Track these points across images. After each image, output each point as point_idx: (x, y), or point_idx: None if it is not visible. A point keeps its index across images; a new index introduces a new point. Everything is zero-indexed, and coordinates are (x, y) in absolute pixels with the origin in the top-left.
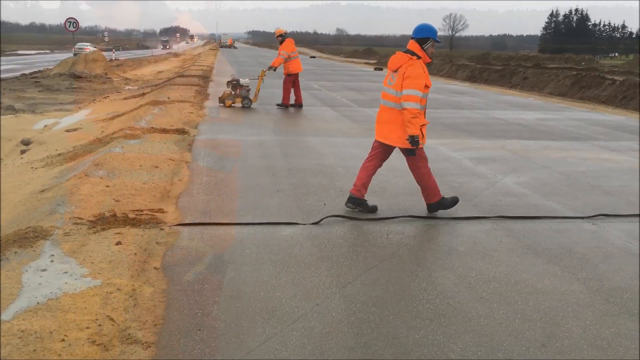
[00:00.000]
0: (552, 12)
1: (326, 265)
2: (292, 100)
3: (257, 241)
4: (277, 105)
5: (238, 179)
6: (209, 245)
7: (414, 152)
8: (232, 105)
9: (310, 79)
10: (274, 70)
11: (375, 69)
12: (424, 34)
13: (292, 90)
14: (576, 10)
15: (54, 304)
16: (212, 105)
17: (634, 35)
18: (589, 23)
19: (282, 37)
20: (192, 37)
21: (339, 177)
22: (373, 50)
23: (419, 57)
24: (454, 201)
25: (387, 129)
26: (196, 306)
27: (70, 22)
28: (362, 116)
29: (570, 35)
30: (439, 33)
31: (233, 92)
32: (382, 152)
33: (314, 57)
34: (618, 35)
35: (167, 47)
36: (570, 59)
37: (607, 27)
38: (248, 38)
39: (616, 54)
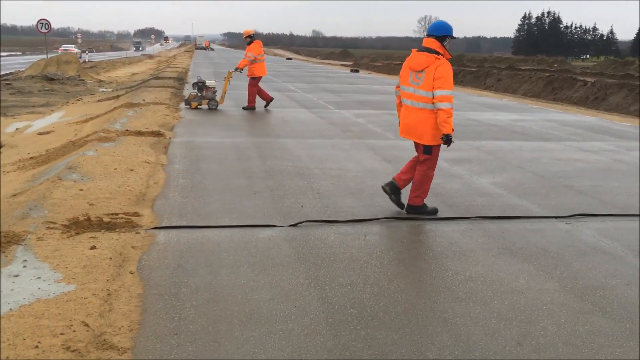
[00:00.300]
0: (525, 14)
1: (304, 267)
2: (263, 103)
3: (235, 244)
4: (244, 108)
5: (214, 181)
6: (185, 249)
7: (430, 151)
8: (199, 107)
9: (287, 80)
10: (240, 71)
11: (352, 70)
12: (443, 32)
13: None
14: (548, 12)
15: (27, 310)
16: (187, 107)
17: (604, 37)
18: (561, 25)
19: (251, 38)
20: (166, 38)
21: (315, 179)
22: (349, 52)
23: (442, 56)
24: (433, 211)
25: (420, 129)
26: (173, 310)
27: (42, 23)
28: (338, 118)
29: (542, 37)
30: (413, 35)
31: (199, 94)
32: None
33: (290, 58)
34: (589, 37)
35: (140, 49)
36: (542, 60)
37: (578, 29)
38: (224, 40)
39: (587, 56)
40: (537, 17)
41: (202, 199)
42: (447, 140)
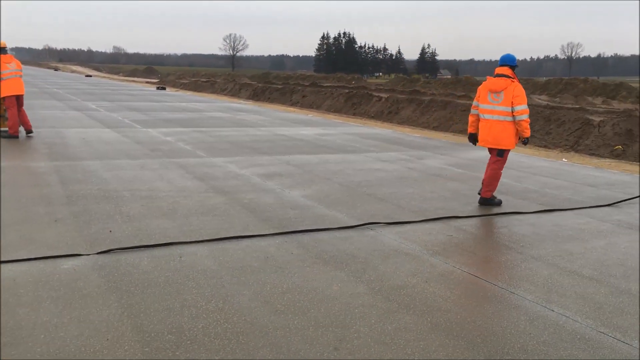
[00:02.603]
0: (324, 34)
1: (116, 296)
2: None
3: (34, 278)
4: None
5: (6, 210)
6: None
7: (503, 154)
8: None
9: (87, 99)
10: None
11: (158, 88)
12: (515, 62)
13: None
14: (344, 33)
15: None
16: None
17: (394, 57)
18: (356, 45)
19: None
20: None
21: (124, 201)
22: (154, 69)
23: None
24: (499, 202)
25: (500, 137)
26: None
27: None
28: (146, 137)
29: (340, 56)
30: (220, 53)
31: None
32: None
33: (90, 75)
34: (381, 57)
35: None
36: (342, 78)
37: (371, 49)
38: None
39: (380, 74)
40: (335, 37)
41: None
42: (527, 142)
